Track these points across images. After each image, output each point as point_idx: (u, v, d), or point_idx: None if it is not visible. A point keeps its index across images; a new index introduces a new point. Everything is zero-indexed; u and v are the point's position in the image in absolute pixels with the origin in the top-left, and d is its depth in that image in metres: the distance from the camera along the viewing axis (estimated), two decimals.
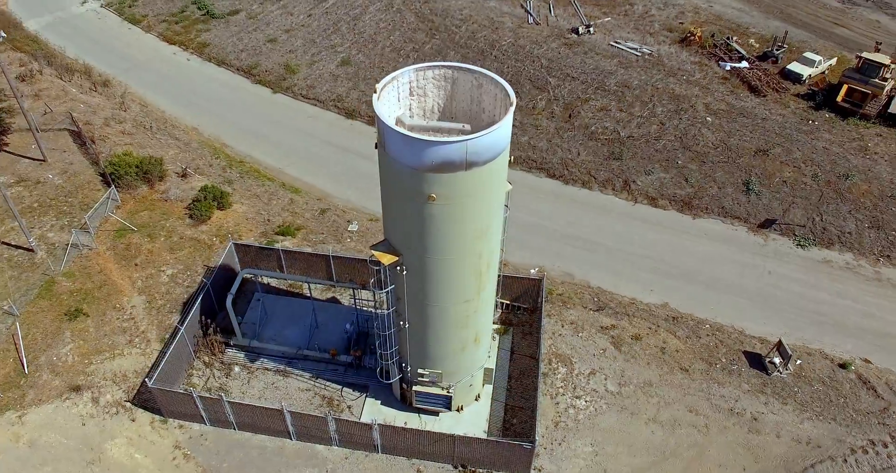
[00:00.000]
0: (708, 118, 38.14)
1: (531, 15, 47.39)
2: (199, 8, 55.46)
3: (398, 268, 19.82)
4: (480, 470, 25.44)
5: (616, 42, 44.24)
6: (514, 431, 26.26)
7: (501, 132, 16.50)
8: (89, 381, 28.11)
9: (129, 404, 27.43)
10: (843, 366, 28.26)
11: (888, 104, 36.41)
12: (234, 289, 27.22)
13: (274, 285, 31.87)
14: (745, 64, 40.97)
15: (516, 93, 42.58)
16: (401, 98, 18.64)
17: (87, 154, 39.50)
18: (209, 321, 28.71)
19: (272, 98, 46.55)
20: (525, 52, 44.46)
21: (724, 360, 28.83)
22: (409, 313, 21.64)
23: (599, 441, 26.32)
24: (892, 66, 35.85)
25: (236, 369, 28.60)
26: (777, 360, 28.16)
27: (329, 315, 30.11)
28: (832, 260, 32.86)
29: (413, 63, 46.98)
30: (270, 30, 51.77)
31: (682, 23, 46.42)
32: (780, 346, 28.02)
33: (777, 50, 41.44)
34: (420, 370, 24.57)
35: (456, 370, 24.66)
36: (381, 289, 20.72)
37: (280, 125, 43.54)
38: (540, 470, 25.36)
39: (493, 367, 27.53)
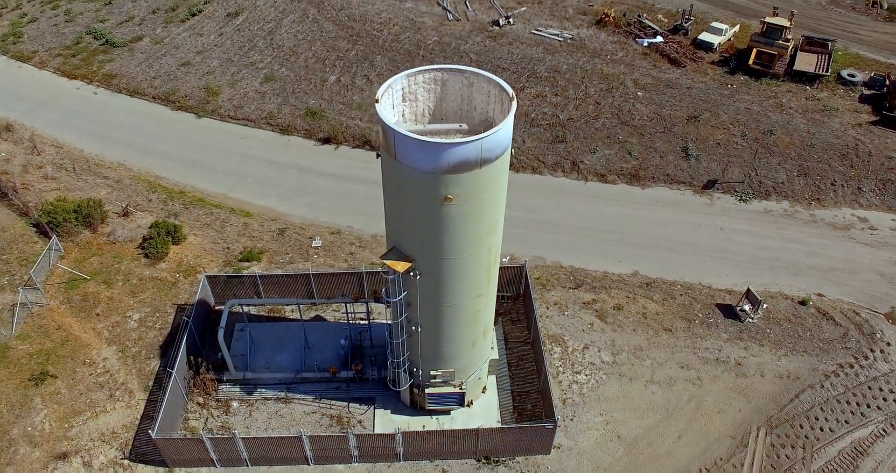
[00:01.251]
0: (638, 93, 40.31)
1: (449, 12, 48.11)
2: (95, 38, 52.29)
3: (412, 273, 19.91)
4: (503, 459, 26.00)
5: (537, 30, 45.76)
6: (526, 416, 26.96)
7: (508, 127, 16.99)
8: (75, 445, 26.32)
9: (126, 461, 25.92)
10: (802, 303, 30.94)
11: (792, 62, 39.90)
12: (223, 322, 26.25)
13: (254, 312, 30.94)
14: (660, 39, 43.55)
15: None
16: (395, 105, 18.72)
17: (13, 206, 36.60)
18: (199, 359, 27.53)
19: (198, 123, 44.77)
20: (452, 49, 45.12)
21: (700, 315, 30.81)
22: (421, 317, 21.76)
23: (607, 409, 27.51)
24: (792, 27, 39.31)
25: (235, 404, 27.62)
26: (747, 307, 30.42)
27: (318, 334, 29.62)
28: (772, 210, 35.75)
29: (340, 71, 46.71)
30: (181, 53, 49.67)
31: (591, 5, 48.60)
32: (748, 294, 30.28)
33: (686, 23, 44.31)
34: (433, 372, 24.75)
35: (467, 365, 25.04)
36: (394, 297, 20.73)
37: (214, 150, 42.02)
38: (559, 448, 26.21)
39: (497, 357, 28.06)
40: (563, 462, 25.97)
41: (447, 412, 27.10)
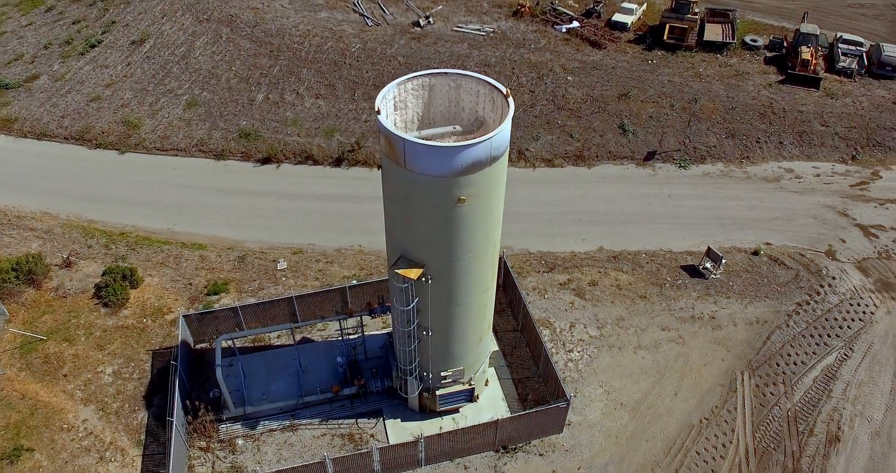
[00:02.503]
0: (568, 78, 41.96)
1: (367, 17, 48.00)
2: None
3: (423, 279, 20.06)
4: (520, 445, 26.66)
5: (458, 27, 46.53)
6: (531, 400, 27.73)
7: (509, 123, 17.47)
8: None
9: None
10: (755, 253, 33.51)
11: (702, 34, 42.86)
12: (219, 359, 25.28)
13: (237, 344, 29.89)
14: (576, 24, 45.46)
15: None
16: (388, 115, 18.75)
17: None
18: (196, 402, 26.37)
19: (123, 159, 42.40)
20: (378, 54, 45.09)
21: (669, 279, 32.71)
22: (431, 320, 21.95)
23: (605, 381, 28.76)
24: (698, 1, 42.22)
25: (240, 442, 26.69)
26: (709, 265, 32.60)
27: (311, 355, 29.08)
28: (710, 172, 38.37)
29: (266, 89, 45.56)
30: (87, 88, 46.74)
31: None
32: (709, 252, 32.45)
33: (597, 6, 46.46)
34: (443, 373, 24.99)
35: (474, 361, 25.45)
36: (406, 306, 20.80)
37: (147, 185, 39.97)
38: (569, 424, 27.16)
39: (497, 348, 28.65)
40: (576, 437, 26.96)
41: (456, 411, 27.41)
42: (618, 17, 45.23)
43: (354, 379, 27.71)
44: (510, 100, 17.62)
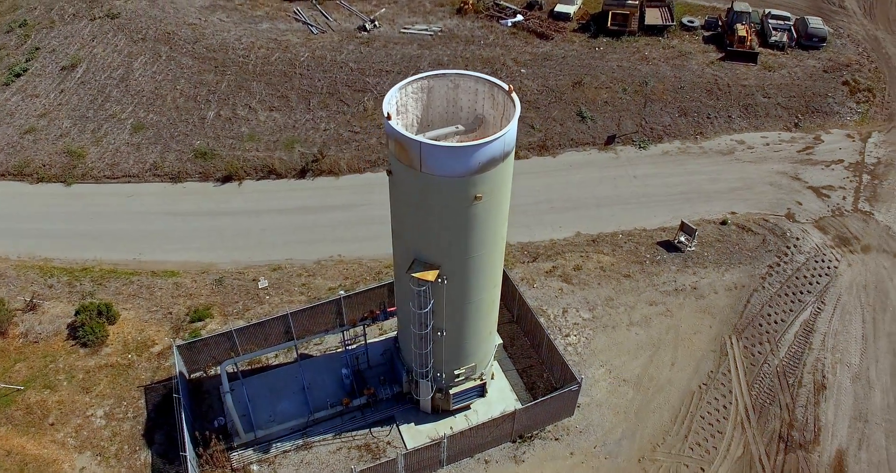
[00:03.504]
0: (522, 70, 42.72)
1: (311, 25, 47.34)
2: None
3: (439, 280, 20.15)
4: (535, 433, 27.15)
5: (405, 28, 46.55)
6: (539, 387, 28.26)
7: (517, 117, 17.77)
8: None
9: None
10: (723, 223, 35.20)
11: (642, 18, 44.50)
12: (226, 385, 24.54)
13: (230, 369, 29.08)
14: (520, 17, 46.31)
15: (340, 101, 43.12)
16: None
17: None
18: (205, 433, 25.52)
19: (71, 191, 40.31)
20: (329, 62, 44.59)
21: (648, 256, 33.94)
22: (446, 320, 22.06)
23: (604, 360, 29.62)
24: None
25: (255, 468, 26.02)
26: (683, 238, 34.02)
27: (313, 371, 28.64)
28: (668, 150, 39.97)
29: (217, 106, 44.24)
30: (19, 120, 44.18)
31: None
32: (682, 226, 33.86)
33: None
34: (457, 371, 25.14)
35: (484, 356, 25.72)
36: (423, 309, 20.84)
37: (101, 216, 38.17)
38: (579, 406, 27.85)
39: (501, 341, 28.98)
40: (588, 417, 27.67)
41: (467, 408, 27.62)
42: (560, 7, 46.36)
43: (364, 389, 27.48)
44: (514, 95, 17.92)
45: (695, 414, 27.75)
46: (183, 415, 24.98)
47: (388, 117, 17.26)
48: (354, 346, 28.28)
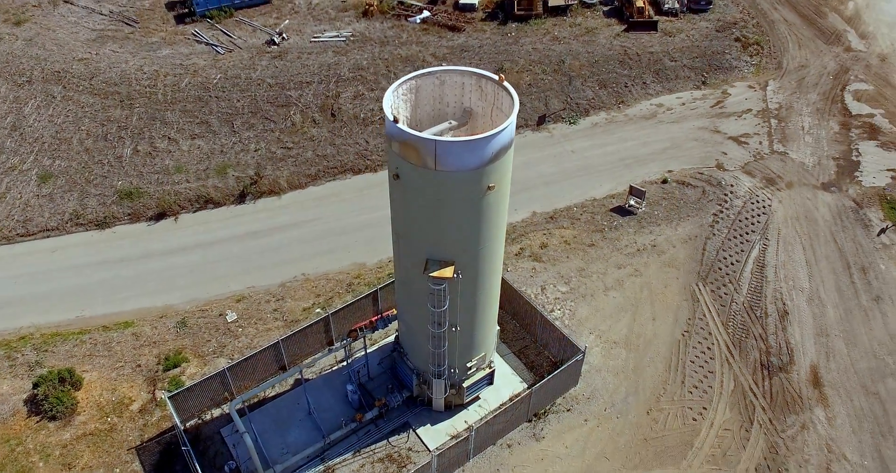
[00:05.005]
0: (442, 64, 43.18)
1: (215, 46, 45.43)
2: None
3: (456, 275, 20.31)
4: (547, 408, 27.98)
5: (315, 37, 45.72)
6: (540, 366, 29.09)
7: (517, 103, 18.19)
8: None
9: None
10: (664, 182, 37.52)
11: (546, 1, 46.25)
12: (240, 426, 23.41)
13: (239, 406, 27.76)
14: (427, 13, 46.75)
15: (265, 118, 41.76)
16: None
17: None
18: None
19: None
20: (244, 80, 43.03)
21: (605, 223, 35.62)
22: (459, 314, 22.26)
23: (592, 328, 30.91)
24: None
25: None
26: (633, 201, 35.99)
27: (315, 394, 27.90)
28: (597, 122, 41.94)
29: (132, 141, 41.53)
30: None
31: (345, 1, 49.76)
32: (632, 190, 35.78)
33: None
34: (469, 364, 25.40)
35: (491, 343, 26.15)
36: (441, 307, 20.93)
37: (25, 277, 34.95)
38: (582, 375, 28.96)
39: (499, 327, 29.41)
40: (591, 383, 28.83)
41: (478, 398, 27.99)
42: None
43: (374, 401, 27.15)
44: (505, 83, 18.35)
45: (685, 361, 29.63)
46: (197, 467, 23.63)
47: (395, 121, 17.17)
48: (350, 360, 27.84)
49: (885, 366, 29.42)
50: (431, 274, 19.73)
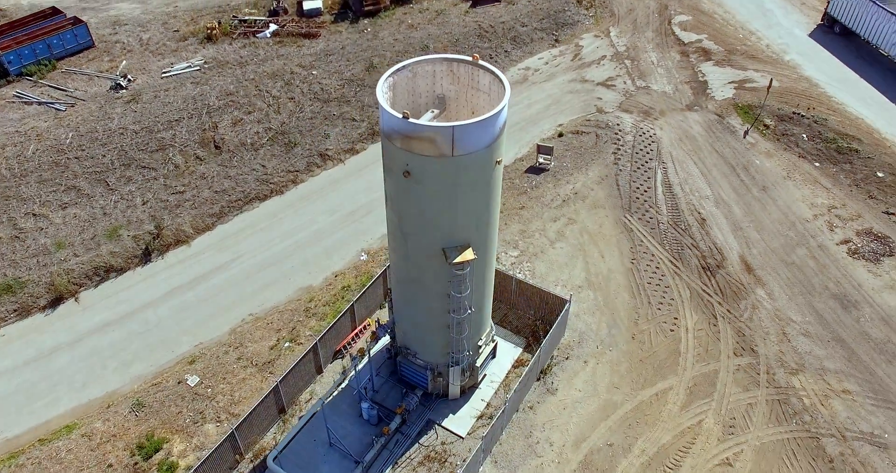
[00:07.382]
0: (313, 73, 42.22)
1: (51, 104, 40.39)
2: None
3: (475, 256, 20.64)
4: (549, 362, 29.42)
5: (166, 72, 42.37)
6: (525, 328, 30.37)
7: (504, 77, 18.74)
8: None
9: None
10: (560, 135, 40.21)
11: None
12: None
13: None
14: (274, 26, 45.20)
15: (143, 168, 38.20)
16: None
17: None
18: None
19: None
20: (103, 133, 38.83)
21: (525, 185, 37.50)
22: (474, 294, 22.65)
23: (555, 279, 32.55)
24: None
25: None
26: (542, 159, 38.28)
27: (333, 417, 26.86)
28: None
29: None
30: None
31: (177, 31, 46.56)
32: (539, 148, 37.99)
33: (277, 4, 46.60)
34: (479, 343, 25.93)
35: (489, 314, 26.83)
36: (463, 293, 21.20)
37: None
38: (566, 324, 30.73)
39: None
40: (576, 329, 30.52)
41: (485, 376, 28.66)
42: (308, 4, 46.27)
43: (395, 408, 26.77)
44: (481, 62, 18.88)
45: (642, 284, 32.54)
46: None
47: (406, 116, 17.03)
48: (352, 374, 27.22)
49: (790, 239, 34.63)
50: (455, 261, 19.93)
